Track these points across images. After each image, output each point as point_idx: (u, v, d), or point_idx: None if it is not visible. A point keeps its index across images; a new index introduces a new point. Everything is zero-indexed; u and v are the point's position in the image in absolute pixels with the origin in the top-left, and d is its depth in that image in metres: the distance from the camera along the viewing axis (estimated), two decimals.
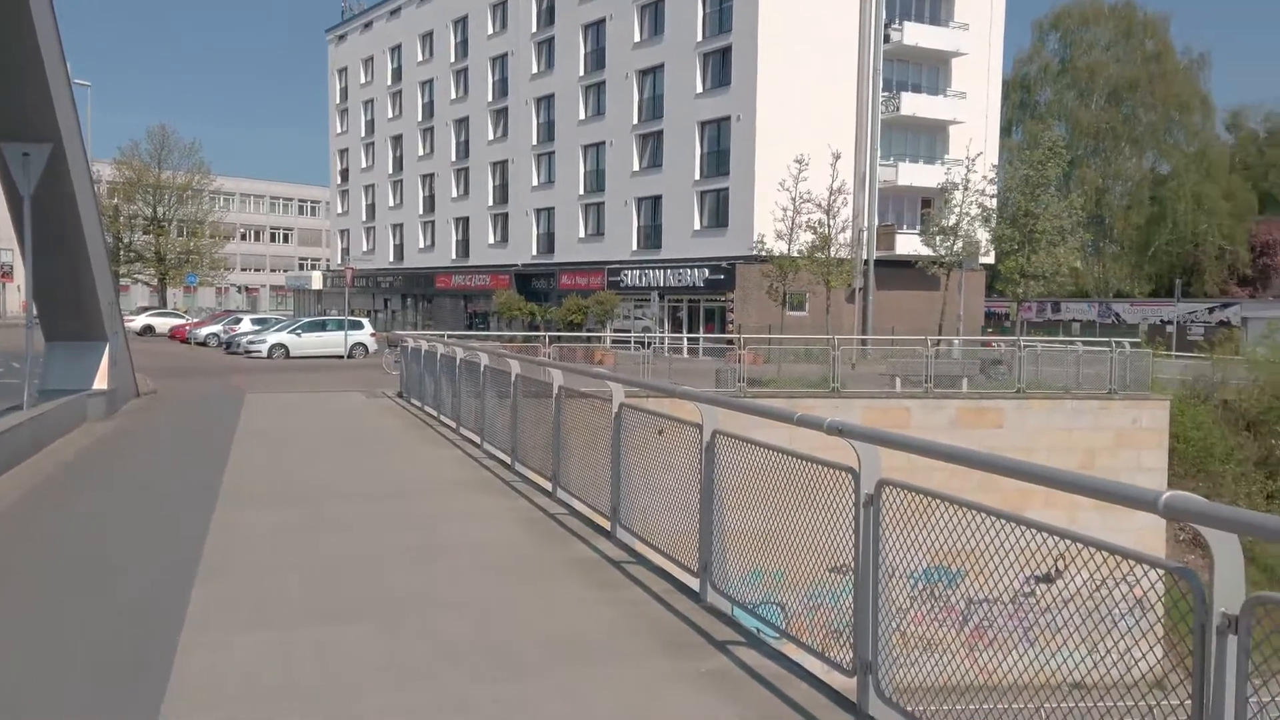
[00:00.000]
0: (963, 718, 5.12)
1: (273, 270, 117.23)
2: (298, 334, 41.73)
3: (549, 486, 9.84)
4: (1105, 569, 3.15)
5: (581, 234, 54.24)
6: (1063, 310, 57.38)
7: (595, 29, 53.14)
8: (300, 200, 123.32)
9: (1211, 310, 51.31)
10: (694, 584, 6.39)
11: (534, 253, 58.04)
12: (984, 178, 36.80)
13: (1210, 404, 29.57)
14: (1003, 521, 3.50)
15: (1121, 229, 65.58)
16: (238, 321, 50.79)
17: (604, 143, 52.40)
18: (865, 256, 43.76)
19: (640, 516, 7.48)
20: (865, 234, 43.71)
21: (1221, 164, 65.97)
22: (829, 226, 36.35)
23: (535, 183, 58.22)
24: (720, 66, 45.47)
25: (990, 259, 39.81)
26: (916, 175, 45.28)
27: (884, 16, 44.54)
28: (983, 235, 36.86)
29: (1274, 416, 28.27)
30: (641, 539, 7.41)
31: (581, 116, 54.04)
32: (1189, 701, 2.73)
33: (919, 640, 4.93)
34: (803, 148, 37.88)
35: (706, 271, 45.34)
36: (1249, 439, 28.63)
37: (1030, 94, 68.58)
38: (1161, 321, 52.27)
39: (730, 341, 34.59)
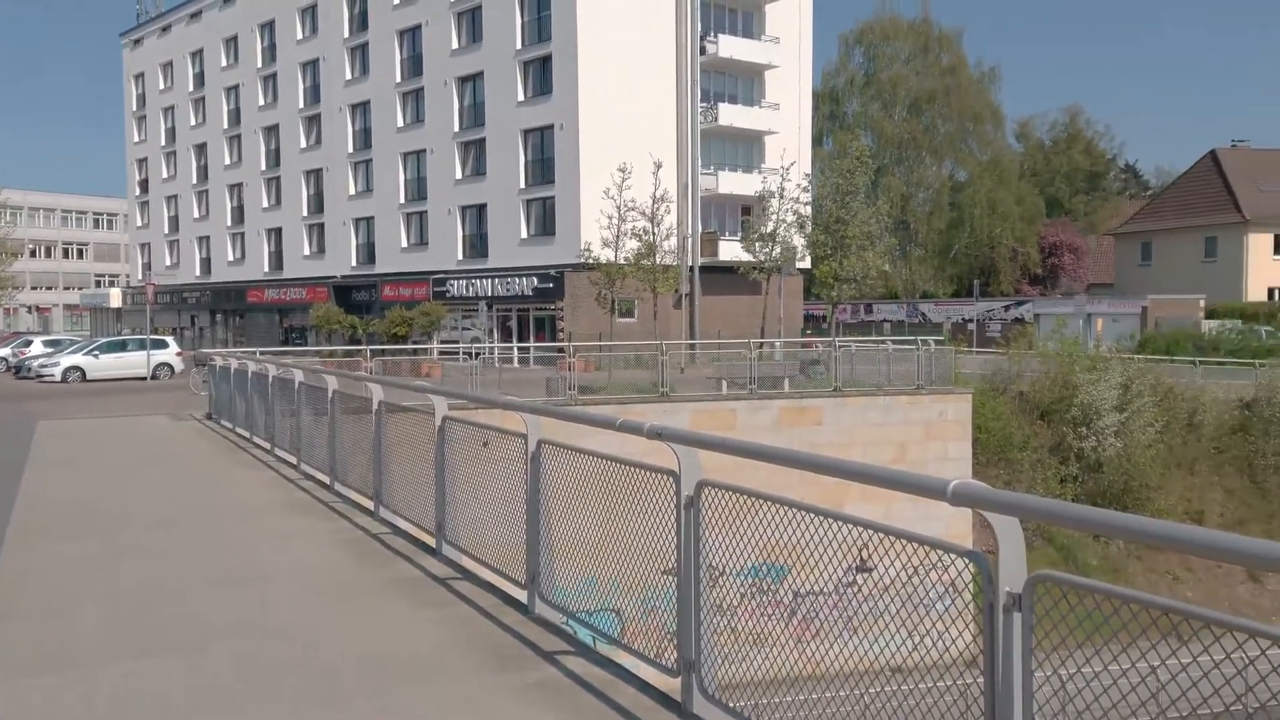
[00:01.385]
0: (791, 709, 5.25)
1: (67, 288, 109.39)
2: (95, 355, 39.08)
3: (371, 505, 9.54)
4: (918, 557, 3.28)
5: (404, 243, 53.05)
6: (875, 311, 60.21)
7: (411, 35, 52.16)
8: (95, 213, 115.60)
9: (1007, 308, 54.94)
10: (522, 597, 6.34)
11: (354, 263, 56.37)
12: (798, 186, 38.23)
13: (1008, 396, 31.61)
14: (814, 516, 3.62)
15: (925, 233, 69.36)
16: (28, 344, 47.17)
17: (425, 150, 51.47)
18: (690, 263, 44.68)
19: (467, 531, 7.36)
20: (689, 241, 44.64)
21: (1012, 171, 70.81)
22: (654, 234, 36.94)
23: (353, 191, 56.57)
24: (541, 75, 45.48)
25: (807, 264, 41.38)
26: (736, 184, 46.58)
27: (699, 29, 45.64)
28: (799, 241, 38.28)
29: (1064, 406, 30.46)
30: (469, 554, 7.29)
31: (400, 124, 52.91)
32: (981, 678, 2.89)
33: (750, 635, 5.04)
34: (626, 156, 38.36)
35: (535, 280, 45.21)
36: (1043, 427, 30.75)
37: (839, 105, 71.67)
38: (964, 320, 55.59)
39: (561, 350, 34.59)
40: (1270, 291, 54.65)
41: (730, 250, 44.37)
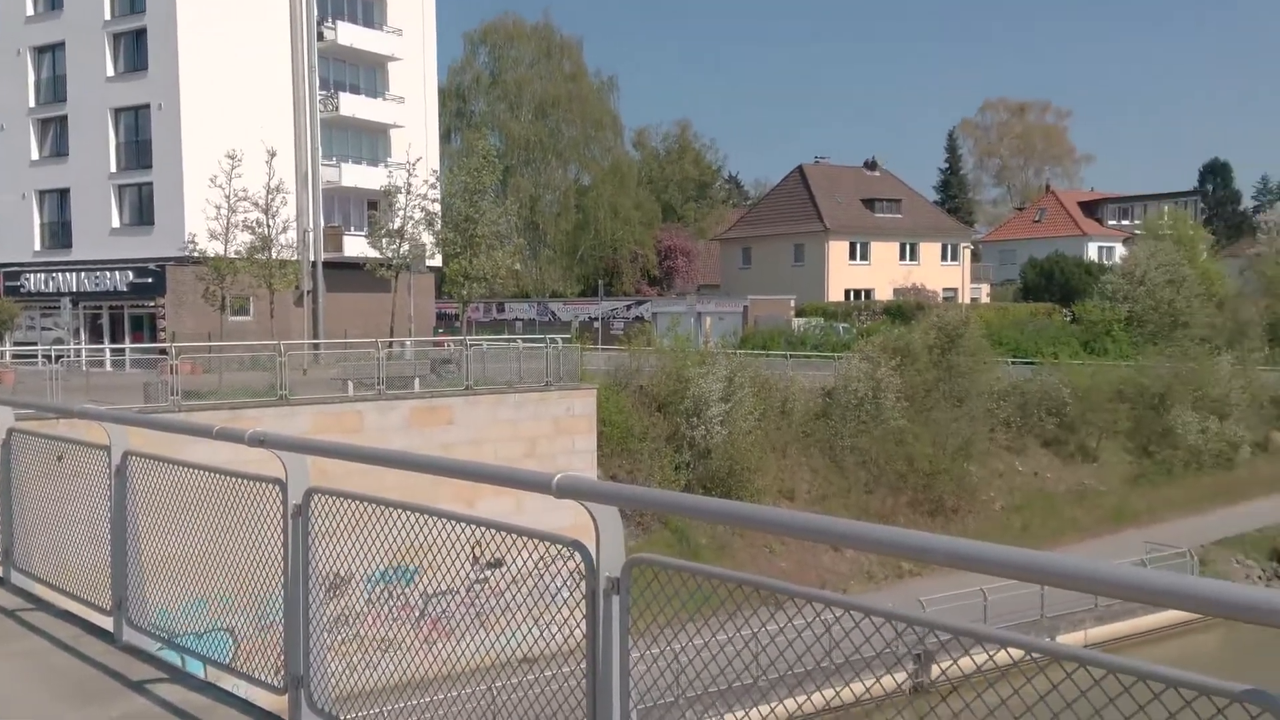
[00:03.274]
0: (417, 711, 5.13)
1: None
2: None
3: None
4: (541, 549, 3.30)
5: None
6: (507, 310, 61.12)
7: None
8: None
9: (629, 308, 58.05)
10: (109, 624, 5.66)
11: None
12: (425, 182, 37.80)
13: (629, 390, 33.39)
14: (427, 517, 3.55)
15: (554, 234, 71.52)
16: None
17: None
18: (312, 258, 42.68)
19: (43, 557, 6.49)
20: (310, 235, 42.63)
21: (631, 178, 74.93)
22: (269, 227, 34.84)
23: None
24: (135, 49, 41.31)
25: (438, 262, 41.05)
26: (361, 177, 45.17)
27: (315, 13, 43.69)
28: (428, 239, 37.86)
29: (678, 398, 32.70)
30: (43, 582, 6.42)
31: None
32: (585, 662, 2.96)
33: (377, 642, 4.86)
34: (236, 142, 35.81)
35: (131, 274, 40.98)
36: (661, 418, 32.81)
37: (466, 103, 71.91)
38: (590, 318, 57.98)
39: (163, 351, 31.59)
40: (847, 293, 62.21)
41: (356, 246, 42.97)
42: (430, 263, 41.18)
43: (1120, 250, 69.82)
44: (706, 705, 14.39)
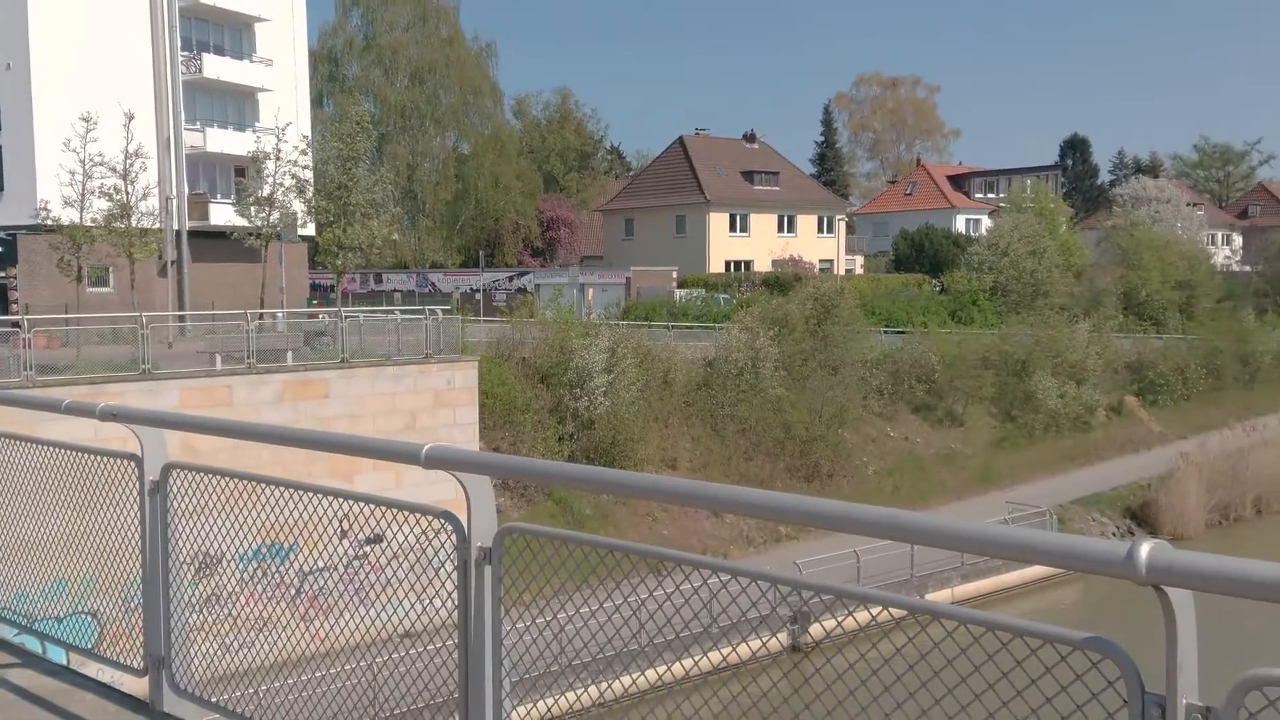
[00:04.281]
0: (295, 690, 5.04)
1: None
2: None
3: None
4: (424, 522, 3.24)
5: None
6: (385, 281, 59.76)
7: None
8: None
9: (511, 279, 57.49)
10: None
11: None
12: (296, 148, 36.48)
13: (512, 362, 33.18)
14: (292, 491, 3.47)
15: (433, 204, 70.13)
16: None
17: None
18: (176, 227, 40.84)
19: None
20: (173, 202, 40.75)
21: (512, 147, 73.92)
22: (127, 194, 33.11)
23: None
24: None
25: (310, 231, 39.75)
26: (227, 142, 43.33)
27: None
28: (299, 207, 36.61)
29: (561, 370, 32.65)
30: None
31: None
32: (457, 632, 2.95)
33: (252, 621, 4.73)
34: (92, 104, 33.80)
35: None
36: (544, 390, 32.72)
37: (339, 67, 69.64)
38: (471, 290, 57.21)
39: (16, 324, 29.81)
40: (728, 264, 63.02)
41: (224, 214, 41.28)
42: (302, 232, 39.86)
43: (986, 222, 72.60)
44: (594, 674, 14.57)
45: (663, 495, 2.78)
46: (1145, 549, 1.83)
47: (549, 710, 4.39)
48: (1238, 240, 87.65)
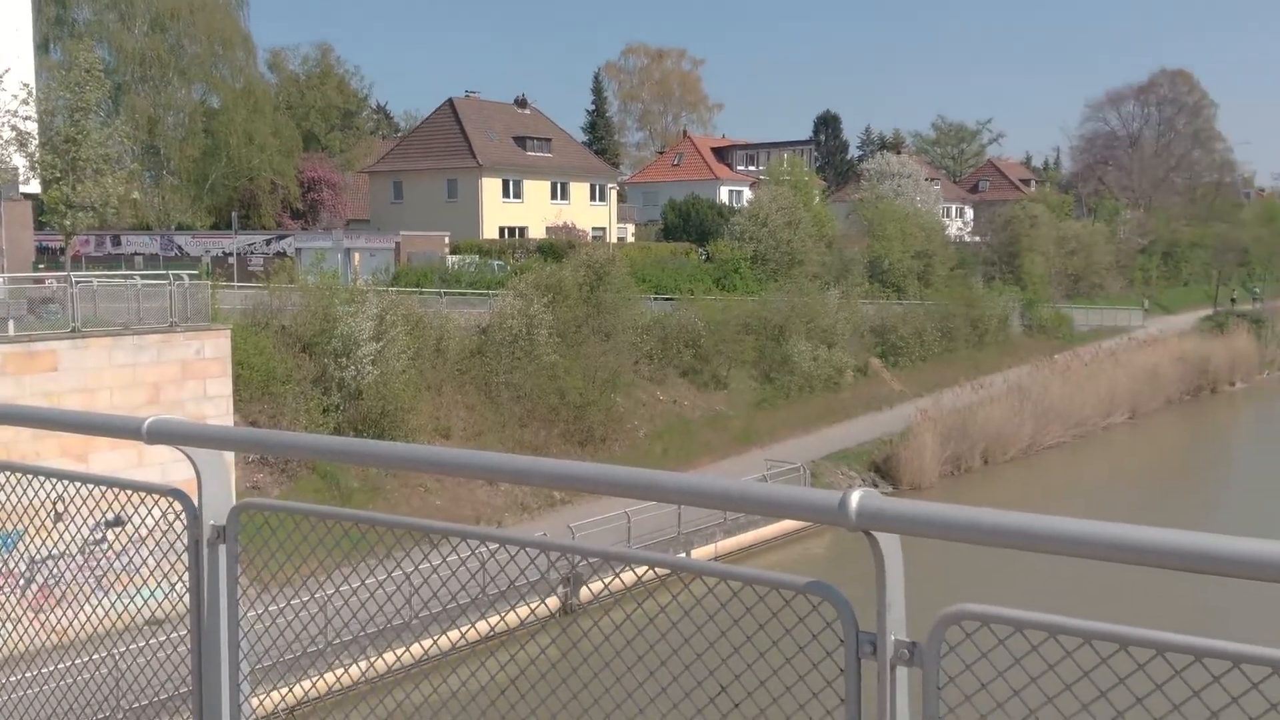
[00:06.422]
0: (35, 684, 4.63)
1: None
2: None
3: None
4: (165, 502, 3.03)
5: None
6: (124, 244, 55.07)
7: None
8: None
9: (269, 242, 54.42)
10: None
11: None
12: (15, 97, 32.86)
13: (270, 330, 31.50)
14: (8, 474, 3.12)
15: (179, 161, 65.25)
16: None
17: None
18: None
19: None
20: None
21: (267, 102, 69.66)
22: None
23: None
24: None
25: (35, 189, 36.00)
26: None
27: None
28: (20, 161, 33.05)
29: (325, 338, 31.33)
30: None
31: None
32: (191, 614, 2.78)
33: None
34: None
35: None
36: (306, 359, 31.31)
37: (67, 10, 63.22)
38: (224, 254, 53.71)
39: None
40: (502, 230, 62.43)
41: None
42: (25, 189, 36.02)
43: (748, 194, 75.63)
44: (355, 653, 14.13)
45: (419, 464, 2.69)
46: (855, 497, 1.93)
47: (307, 693, 4.22)
48: (969, 213, 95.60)
